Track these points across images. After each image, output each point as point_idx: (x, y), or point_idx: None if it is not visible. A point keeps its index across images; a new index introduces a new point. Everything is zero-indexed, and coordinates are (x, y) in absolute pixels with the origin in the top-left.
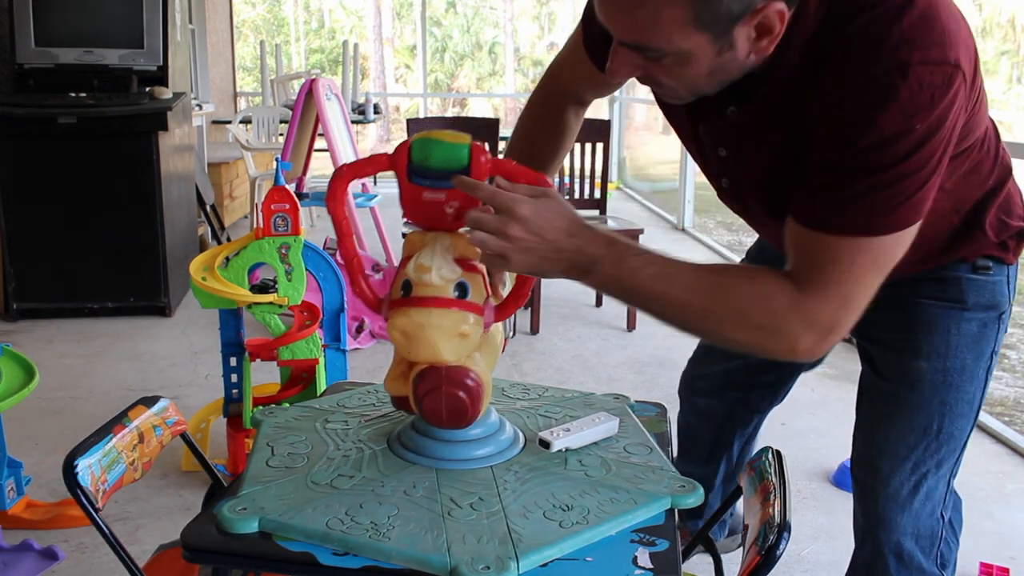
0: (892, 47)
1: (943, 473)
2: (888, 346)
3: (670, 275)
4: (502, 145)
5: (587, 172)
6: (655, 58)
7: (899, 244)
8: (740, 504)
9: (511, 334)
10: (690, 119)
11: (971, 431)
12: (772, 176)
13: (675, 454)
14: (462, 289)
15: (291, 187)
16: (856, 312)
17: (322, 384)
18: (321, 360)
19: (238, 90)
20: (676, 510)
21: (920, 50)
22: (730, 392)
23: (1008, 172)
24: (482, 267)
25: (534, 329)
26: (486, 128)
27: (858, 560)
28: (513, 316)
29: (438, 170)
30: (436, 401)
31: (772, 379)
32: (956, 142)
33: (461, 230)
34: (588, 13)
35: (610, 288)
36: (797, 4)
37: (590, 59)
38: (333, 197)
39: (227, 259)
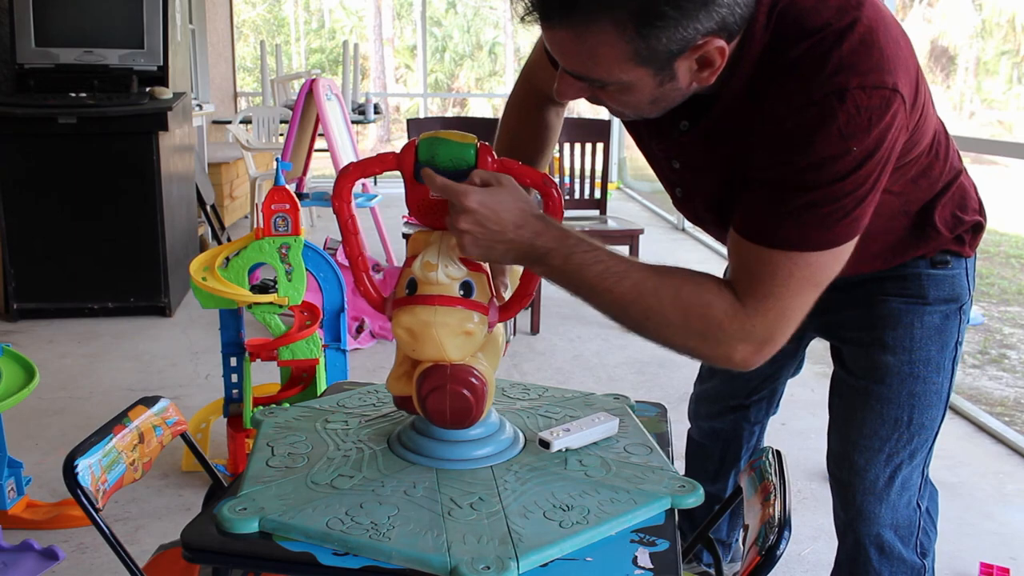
0: (831, 72)
1: (917, 463)
2: (856, 343)
3: (618, 273)
4: None
5: (587, 172)
6: (599, 86)
7: (836, 259)
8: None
9: (512, 335)
10: (646, 131)
11: (942, 420)
12: (723, 189)
13: (682, 474)
14: (467, 288)
15: (291, 187)
16: (792, 325)
17: (322, 384)
18: (321, 360)
19: (238, 90)
20: (676, 510)
21: (858, 75)
22: (728, 415)
23: (959, 172)
24: (486, 267)
25: (534, 329)
26: (485, 128)
27: (841, 555)
28: (513, 317)
29: (444, 169)
30: (440, 400)
31: (765, 393)
32: (899, 156)
33: None
34: None
35: (559, 280)
36: (743, 30)
37: (552, 66)
38: (339, 196)
39: (227, 259)
